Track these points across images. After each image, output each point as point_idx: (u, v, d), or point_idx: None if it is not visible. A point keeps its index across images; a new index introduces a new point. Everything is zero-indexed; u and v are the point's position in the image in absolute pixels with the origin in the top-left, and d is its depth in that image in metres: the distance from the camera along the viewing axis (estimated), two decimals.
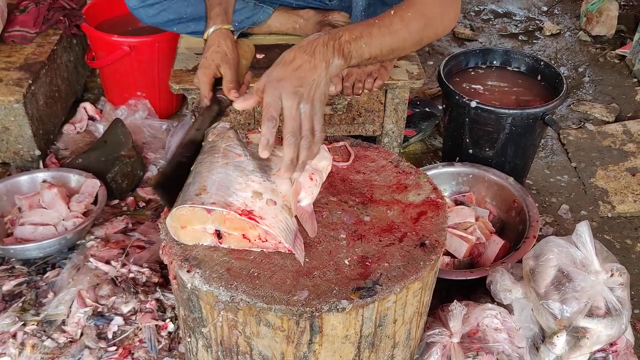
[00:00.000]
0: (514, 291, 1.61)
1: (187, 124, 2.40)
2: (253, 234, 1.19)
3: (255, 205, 1.17)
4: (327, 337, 1.18)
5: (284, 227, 1.19)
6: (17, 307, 1.74)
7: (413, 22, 1.38)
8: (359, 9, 1.80)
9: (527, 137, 2.12)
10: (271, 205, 1.19)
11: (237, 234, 1.20)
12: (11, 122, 2.18)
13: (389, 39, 1.34)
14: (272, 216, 1.18)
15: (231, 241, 1.22)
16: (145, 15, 2.05)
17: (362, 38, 1.29)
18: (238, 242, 1.21)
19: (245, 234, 1.20)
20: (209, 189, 1.18)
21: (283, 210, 1.21)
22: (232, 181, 1.20)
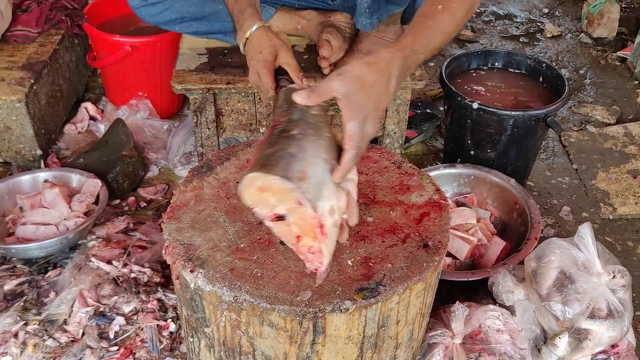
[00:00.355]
0: (516, 292, 1.61)
1: (189, 124, 2.41)
2: (306, 242, 1.14)
3: (327, 221, 1.11)
4: (330, 337, 1.18)
5: (331, 251, 1.15)
6: (18, 306, 1.74)
7: (459, 12, 1.39)
8: (363, 7, 1.81)
9: (529, 139, 2.12)
10: (334, 228, 1.14)
11: (295, 231, 1.13)
12: (13, 121, 2.18)
13: (439, 37, 1.36)
14: (331, 238, 1.13)
15: (283, 231, 1.15)
16: (147, 14, 2.04)
17: (421, 48, 1.30)
18: (288, 236, 1.16)
19: (300, 237, 1.14)
20: (309, 180, 1.09)
21: (336, 230, 1.16)
22: (325, 183, 1.12)
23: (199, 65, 1.99)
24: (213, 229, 1.26)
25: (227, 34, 2.06)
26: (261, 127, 2.04)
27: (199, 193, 1.36)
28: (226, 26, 2.04)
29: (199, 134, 2.02)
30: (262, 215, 1.15)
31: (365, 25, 1.87)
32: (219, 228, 1.27)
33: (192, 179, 1.40)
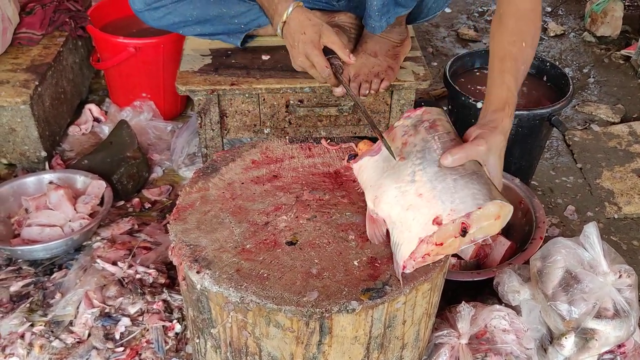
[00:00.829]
0: (522, 292, 1.61)
1: (192, 125, 2.41)
2: (455, 244, 1.20)
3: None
4: (336, 338, 1.18)
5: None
6: (24, 307, 1.75)
7: (536, 39, 1.42)
8: (373, 9, 1.81)
9: (533, 138, 2.12)
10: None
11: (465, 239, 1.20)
12: (18, 123, 2.19)
13: (523, 70, 1.38)
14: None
15: (451, 240, 1.19)
16: (150, 18, 2.05)
17: (515, 99, 1.34)
18: (454, 244, 1.20)
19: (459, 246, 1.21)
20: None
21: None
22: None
23: (202, 67, 2.00)
24: (219, 230, 1.27)
25: (231, 35, 2.07)
26: (265, 127, 2.04)
27: (205, 194, 1.36)
28: (230, 28, 2.05)
29: (203, 135, 2.02)
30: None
31: (375, 28, 1.87)
32: (225, 229, 1.27)
33: (198, 180, 1.40)
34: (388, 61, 1.98)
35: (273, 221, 1.29)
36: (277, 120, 2.03)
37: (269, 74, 1.97)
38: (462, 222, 1.16)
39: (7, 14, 2.29)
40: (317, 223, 1.29)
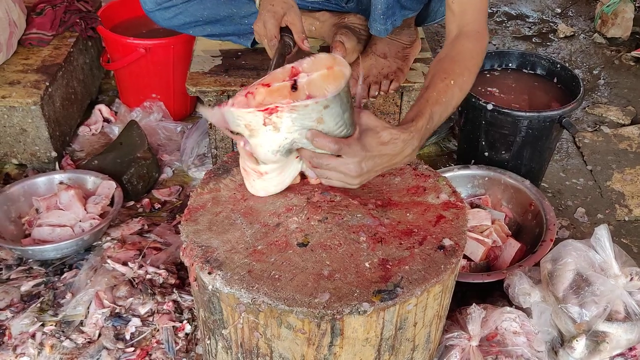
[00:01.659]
0: (532, 295, 1.60)
1: (202, 126, 2.42)
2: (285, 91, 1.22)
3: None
4: (347, 339, 1.18)
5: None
6: (35, 307, 1.76)
7: (467, 85, 1.46)
8: (378, 12, 1.80)
9: (544, 140, 2.12)
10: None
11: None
12: (28, 124, 2.20)
13: (449, 111, 1.41)
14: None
15: (280, 83, 1.22)
16: (161, 18, 2.06)
17: (433, 125, 1.35)
18: (283, 90, 1.22)
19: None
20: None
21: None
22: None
23: (213, 68, 2.00)
24: (230, 231, 1.27)
25: (241, 36, 2.08)
26: None
27: (216, 195, 1.36)
28: (240, 29, 2.06)
29: (213, 136, 2.02)
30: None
31: (380, 31, 1.86)
32: (236, 230, 1.27)
33: (209, 181, 1.40)
34: (397, 63, 1.98)
35: (284, 222, 1.29)
36: None
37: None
38: (292, 67, 1.22)
39: (13, 18, 2.30)
40: (328, 224, 1.29)
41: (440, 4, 1.96)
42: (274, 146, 1.21)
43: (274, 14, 1.62)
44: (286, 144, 1.21)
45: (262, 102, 1.21)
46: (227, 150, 2.04)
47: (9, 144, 2.26)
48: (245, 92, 1.22)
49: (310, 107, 1.14)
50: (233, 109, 1.18)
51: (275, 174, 1.31)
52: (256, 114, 1.16)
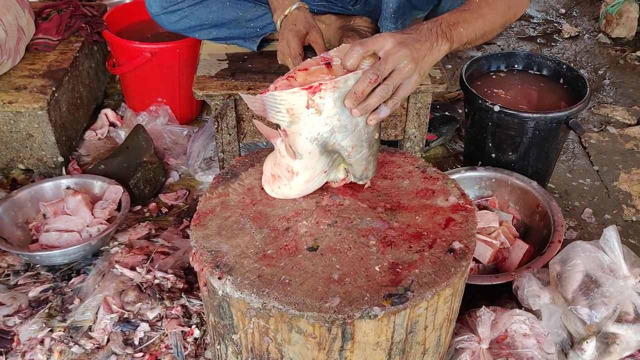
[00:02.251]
0: (542, 296, 1.60)
1: (208, 130, 2.42)
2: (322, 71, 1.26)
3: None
4: (358, 344, 1.17)
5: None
6: (43, 313, 1.76)
7: (498, 4, 1.48)
8: (389, 12, 1.81)
9: (550, 141, 2.11)
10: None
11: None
12: (35, 129, 2.20)
13: (480, 22, 1.43)
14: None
15: (315, 67, 1.26)
16: (167, 21, 2.06)
17: (459, 24, 1.37)
18: (320, 71, 1.25)
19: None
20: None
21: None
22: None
23: (219, 71, 2.00)
24: (240, 236, 1.27)
25: (247, 39, 2.07)
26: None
27: (225, 200, 1.36)
28: (246, 32, 2.05)
29: (219, 139, 2.02)
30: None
31: (390, 30, 1.87)
32: (246, 235, 1.27)
33: (217, 185, 1.40)
34: None
35: (294, 227, 1.29)
36: None
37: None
38: (321, 56, 1.28)
39: (22, 25, 2.31)
40: (337, 228, 1.29)
41: (449, 5, 1.96)
42: (314, 132, 1.23)
43: (297, 32, 1.70)
44: (325, 132, 1.23)
45: (303, 83, 1.22)
46: (233, 154, 2.04)
47: (15, 149, 2.26)
48: (285, 77, 1.24)
49: (350, 81, 1.20)
50: (276, 92, 1.20)
51: (303, 178, 1.31)
52: (301, 94, 1.19)
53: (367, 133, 1.28)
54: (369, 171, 1.35)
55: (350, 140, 1.27)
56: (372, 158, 1.33)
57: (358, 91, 1.20)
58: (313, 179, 1.32)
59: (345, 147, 1.27)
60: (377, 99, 1.23)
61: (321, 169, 1.32)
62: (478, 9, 1.44)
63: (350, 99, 1.20)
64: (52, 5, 2.57)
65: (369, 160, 1.33)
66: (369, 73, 1.21)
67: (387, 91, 1.24)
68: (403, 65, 1.25)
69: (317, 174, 1.32)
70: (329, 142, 1.26)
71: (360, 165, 1.32)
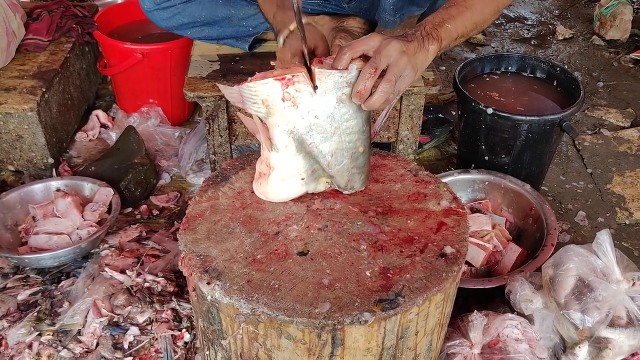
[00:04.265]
0: (534, 301, 1.59)
1: (200, 132, 2.40)
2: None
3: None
4: (348, 349, 1.16)
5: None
6: (32, 316, 1.74)
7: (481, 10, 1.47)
8: (388, 3, 1.81)
9: (544, 144, 2.10)
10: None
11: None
12: (25, 130, 2.18)
13: (469, 14, 1.43)
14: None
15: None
16: (159, 18, 2.05)
17: (445, 21, 1.38)
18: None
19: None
20: None
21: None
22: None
23: (210, 73, 1.98)
24: (229, 240, 1.25)
25: (239, 39, 2.06)
26: None
27: (215, 203, 1.35)
28: (238, 31, 2.04)
29: (211, 141, 2.00)
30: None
31: (388, 22, 1.86)
32: (235, 239, 1.26)
33: (207, 189, 1.39)
34: None
35: (284, 231, 1.28)
36: None
37: None
38: (315, 58, 1.28)
39: (12, 27, 2.29)
40: (328, 233, 1.28)
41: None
42: (290, 125, 1.23)
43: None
44: (301, 127, 1.23)
45: (278, 75, 1.22)
46: (225, 156, 2.02)
47: (5, 150, 2.24)
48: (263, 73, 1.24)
49: (332, 78, 1.20)
50: (251, 84, 1.21)
51: (278, 174, 1.30)
52: (275, 85, 1.19)
53: (349, 142, 1.28)
54: (354, 183, 1.35)
55: (329, 144, 1.26)
56: (357, 171, 1.33)
57: (360, 89, 1.22)
58: (288, 179, 1.31)
59: (323, 152, 1.27)
60: (382, 94, 1.24)
61: (297, 171, 1.31)
62: (464, 2, 1.44)
63: (356, 98, 1.23)
64: (43, 5, 2.55)
65: (352, 172, 1.32)
66: (366, 68, 1.22)
67: (390, 85, 1.24)
68: (396, 59, 1.26)
69: (292, 175, 1.31)
70: (306, 141, 1.25)
71: (343, 177, 1.32)
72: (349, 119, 1.26)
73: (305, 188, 1.34)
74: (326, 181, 1.36)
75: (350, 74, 1.23)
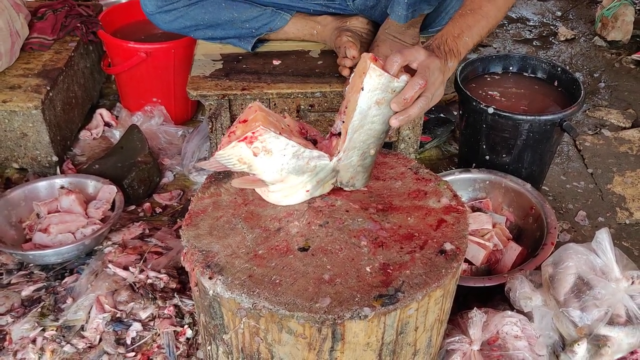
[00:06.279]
0: (534, 298, 1.60)
1: (203, 130, 2.42)
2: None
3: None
4: (348, 344, 1.17)
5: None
6: (36, 312, 1.75)
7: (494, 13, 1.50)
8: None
9: (545, 144, 2.12)
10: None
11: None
12: (29, 128, 2.20)
13: (484, 23, 1.45)
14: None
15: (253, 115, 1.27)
16: (162, 21, 2.06)
17: (464, 33, 1.40)
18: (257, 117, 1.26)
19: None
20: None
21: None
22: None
23: (214, 72, 2.00)
24: (231, 236, 1.27)
25: (242, 39, 2.08)
26: None
27: (217, 200, 1.36)
28: (241, 32, 2.06)
29: (214, 140, 2.02)
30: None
31: (400, 16, 1.88)
32: (237, 235, 1.27)
33: (210, 185, 1.40)
34: None
35: (285, 227, 1.29)
36: None
37: (280, 78, 1.97)
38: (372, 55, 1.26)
39: (16, 28, 2.30)
40: (329, 229, 1.29)
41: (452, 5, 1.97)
42: (276, 168, 1.25)
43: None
44: (286, 162, 1.25)
45: (239, 136, 1.23)
46: None
47: (9, 148, 2.26)
48: (227, 133, 1.26)
49: (383, 79, 1.21)
50: (220, 152, 1.23)
51: (280, 194, 1.33)
52: (240, 146, 1.21)
53: (364, 142, 1.29)
54: (356, 180, 1.36)
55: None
56: (362, 170, 1.34)
57: (407, 97, 1.24)
58: (292, 195, 1.33)
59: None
60: (420, 109, 1.27)
61: (302, 187, 1.32)
62: (480, 9, 1.45)
63: (399, 104, 1.24)
64: (48, 4, 2.57)
65: (357, 170, 1.33)
66: (417, 79, 1.24)
67: (427, 102, 1.28)
68: (436, 77, 1.29)
69: (296, 191, 1.32)
70: (301, 163, 1.27)
71: (347, 173, 1.33)
72: (375, 122, 1.27)
73: (310, 196, 1.35)
74: (332, 183, 1.36)
75: (399, 82, 1.24)
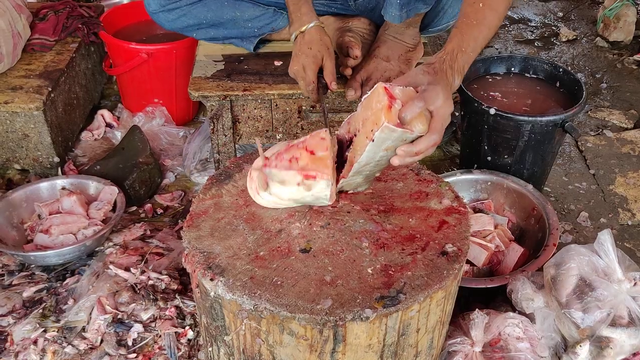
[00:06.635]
0: (536, 300, 1.60)
1: (204, 131, 2.42)
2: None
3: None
4: (350, 346, 1.17)
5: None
6: (37, 313, 1.75)
7: (500, 5, 1.47)
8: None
9: (546, 145, 2.11)
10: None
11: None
12: (31, 129, 2.20)
13: (485, 31, 1.44)
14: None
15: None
16: (165, 20, 2.06)
17: (469, 46, 1.38)
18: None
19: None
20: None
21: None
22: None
23: (215, 73, 2.00)
24: (232, 237, 1.27)
25: (244, 39, 2.08)
26: (277, 133, 2.04)
27: (218, 201, 1.36)
28: (244, 32, 2.06)
29: (215, 140, 2.02)
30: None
31: (394, 17, 1.87)
32: (238, 236, 1.27)
33: (211, 186, 1.40)
34: (400, 66, 1.98)
35: (286, 228, 1.29)
36: (289, 126, 2.03)
37: (282, 79, 1.97)
38: (386, 90, 1.23)
39: (18, 29, 2.30)
40: (330, 230, 1.29)
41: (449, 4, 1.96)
42: (296, 197, 1.28)
43: (314, 59, 1.76)
44: (308, 200, 1.29)
45: (304, 167, 1.24)
46: (229, 155, 2.04)
47: (11, 149, 2.26)
48: (289, 151, 1.26)
49: (396, 135, 1.19)
50: (274, 170, 1.26)
51: (274, 203, 1.35)
52: (296, 177, 1.24)
53: (369, 171, 1.30)
54: (357, 189, 1.38)
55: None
56: (364, 183, 1.36)
57: (420, 150, 1.23)
58: (280, 206, 1.34)
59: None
60: (422, 157, 1.26)
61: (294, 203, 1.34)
62: (483, 19, 1.43)
63: (408, 152, 1.22)
64: (49, 5, 2.57)
65: (360, 184, 1.35)
66: (432, 136, 1.23)
67: (432, 151, 1.26)
68: (447, 119, 1.27)
69: (286, 205, 1.34)
70: (308, 199, 1.30)
71: (349, 187, 1.35)
72: (382, 160, 1.26)
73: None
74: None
75: (412, 135, 1.21)
